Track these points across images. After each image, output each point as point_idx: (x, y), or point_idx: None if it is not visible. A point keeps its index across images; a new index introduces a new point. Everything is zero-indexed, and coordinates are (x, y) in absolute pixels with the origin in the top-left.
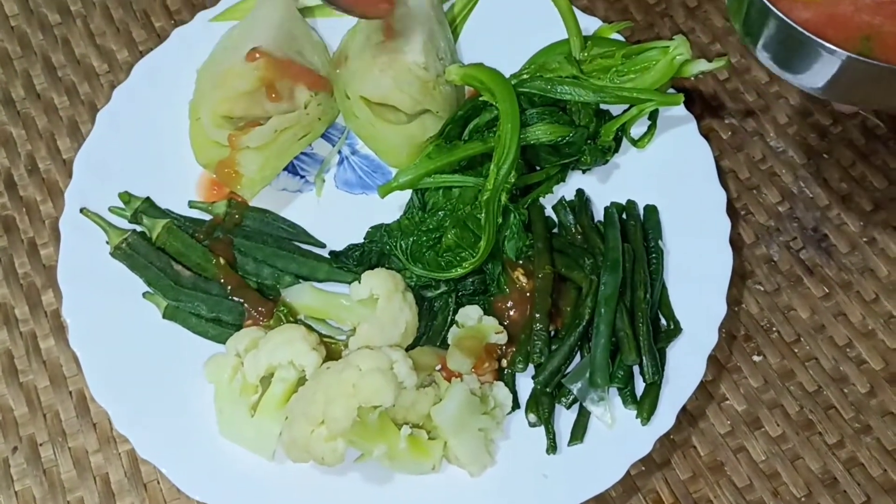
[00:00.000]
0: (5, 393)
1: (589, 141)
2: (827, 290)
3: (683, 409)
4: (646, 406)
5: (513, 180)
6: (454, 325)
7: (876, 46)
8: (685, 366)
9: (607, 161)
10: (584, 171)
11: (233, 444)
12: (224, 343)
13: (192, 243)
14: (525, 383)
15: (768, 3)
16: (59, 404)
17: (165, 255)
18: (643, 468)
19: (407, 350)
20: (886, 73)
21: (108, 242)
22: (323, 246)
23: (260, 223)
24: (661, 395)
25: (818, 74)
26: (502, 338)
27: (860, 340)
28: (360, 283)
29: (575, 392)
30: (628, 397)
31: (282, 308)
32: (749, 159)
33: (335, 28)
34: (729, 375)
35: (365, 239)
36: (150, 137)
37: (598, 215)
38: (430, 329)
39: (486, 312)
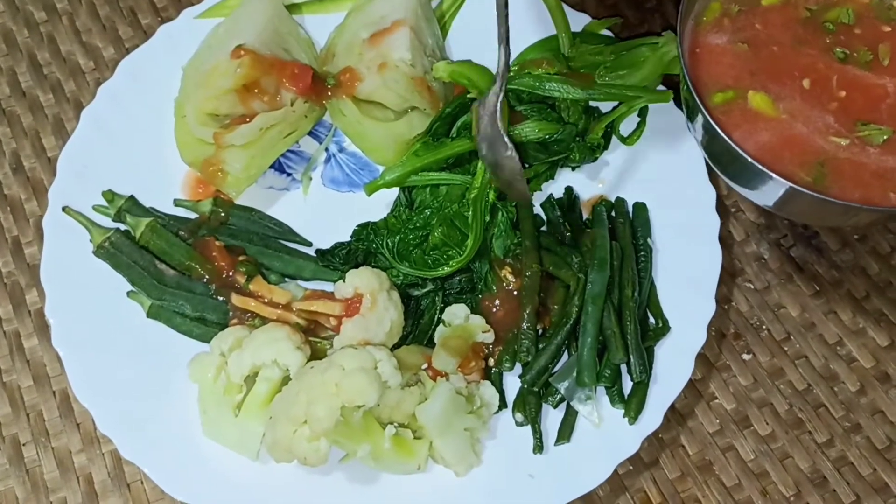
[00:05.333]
0: None
1: (578, 138)
2: (817, 288)
3: (672, 407)
4: (633, 405)
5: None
6: (441, 324)
7: (829, 172)
8: (673, 364)
9: (596, 158)
10: (573, 169)
11: (217, 444)
12: (208, 342)
13: (176, 242)
14: (512, 382)
15: (724, 136)
16: (42, 404)
17: (149, 254)
18: (631, 467)
19: (393, 349)
20: (826, 204)
21: (91, 241)
22: (309, 244)
23: (246, 221)
24: (649, 393)
25: (768, 196)
26: (489, 336)
27: (850, 338)
28: (344, 281)
29: (562, 391)
30: (616, 396)
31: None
32: None
33: (323, 25)
34: (718, 374)
35: (352, 237)
36: (135, 135)
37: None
38: (417, 328)
39: (474, 311)
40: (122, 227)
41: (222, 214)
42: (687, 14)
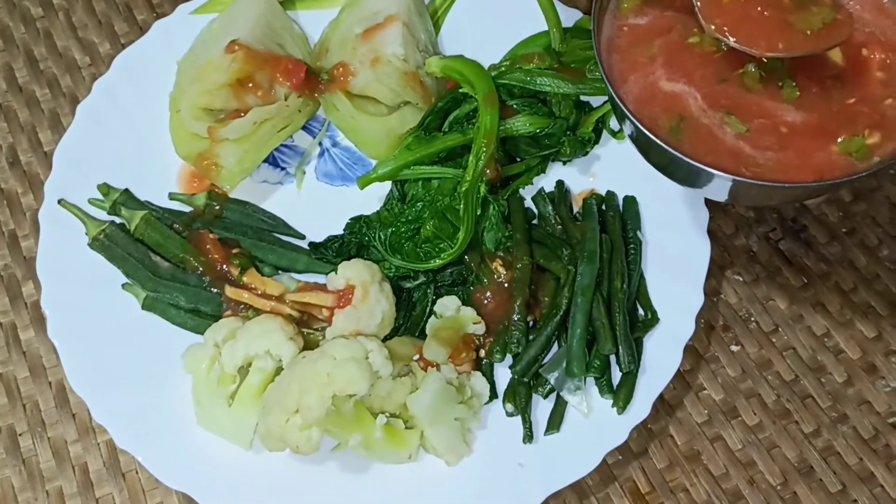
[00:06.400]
0: None
1: (569, 132)
2: (806, 280)
3: (661, 398)
4: (622, 395)
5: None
6: (433, 316)
7: (686, 129)
8: (662, 355)
9: (587, 152)
10: (564, 163)
11: (210, 433)
12: (202, 333)
13: (171, 235)
14: (503, 373)
15: (607, 79)
16: (38, 395)
17: (143, 247)
18: (620, 457)
19: (385, 340)
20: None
21: (87, 234)
22: (303, 237)
23: (240, 215)
24: (638, 384)
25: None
26: (480, 328)
27: (838, 330)
28: (336, 273)
29: (552, 381)
30: (605, 387)
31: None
32: None
33: (316, 20)
34: (707, 365)
35: (345, 230)
36: (131, 130)
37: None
38: (409, 319)
39: (465, 303)
40: (118, 220)
41: (216, 208)
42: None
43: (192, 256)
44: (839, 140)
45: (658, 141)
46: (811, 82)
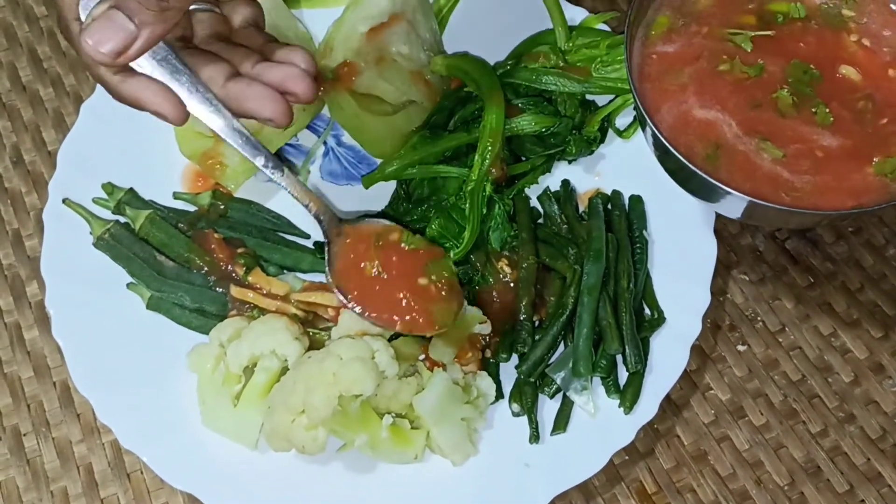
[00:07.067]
0: None
1: (574, 131)
2: (812, 280)
3: (667, 398)
4: (628, 395)
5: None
6: None
7: (723, 155)
8: (669, 355)
9: (593, 151)
10: (569, 162)
11: (216, 433)
12: (207, 333)
13: (176, 234)
14: (509, 373)
15: (639, 102)
16: (42, 395)
17: (149, 246)
18: (626, 457)
19: (390, 340)
20: (706, 184)
21: (91, 233)
22: (307, 236)
23: (245, 214)
24: (645, 384)
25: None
26: (486, 328)
27: (845, 330)
28: None
29: (558, 381)
30: (611, 386)
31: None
32: None
33: (321, 19)
34: (713, 365)
35: None
36: (135, 129)
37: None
38: None
39: (471, 303)
40: (122, 219)
41: (221, 207)
42: (636, 23)
43: (196, 256)
44: (874, 161)
45: (696, 170)
46: (843, 106)
